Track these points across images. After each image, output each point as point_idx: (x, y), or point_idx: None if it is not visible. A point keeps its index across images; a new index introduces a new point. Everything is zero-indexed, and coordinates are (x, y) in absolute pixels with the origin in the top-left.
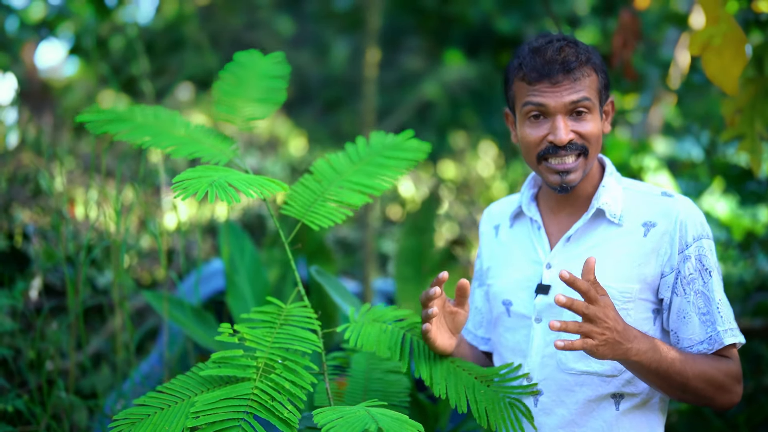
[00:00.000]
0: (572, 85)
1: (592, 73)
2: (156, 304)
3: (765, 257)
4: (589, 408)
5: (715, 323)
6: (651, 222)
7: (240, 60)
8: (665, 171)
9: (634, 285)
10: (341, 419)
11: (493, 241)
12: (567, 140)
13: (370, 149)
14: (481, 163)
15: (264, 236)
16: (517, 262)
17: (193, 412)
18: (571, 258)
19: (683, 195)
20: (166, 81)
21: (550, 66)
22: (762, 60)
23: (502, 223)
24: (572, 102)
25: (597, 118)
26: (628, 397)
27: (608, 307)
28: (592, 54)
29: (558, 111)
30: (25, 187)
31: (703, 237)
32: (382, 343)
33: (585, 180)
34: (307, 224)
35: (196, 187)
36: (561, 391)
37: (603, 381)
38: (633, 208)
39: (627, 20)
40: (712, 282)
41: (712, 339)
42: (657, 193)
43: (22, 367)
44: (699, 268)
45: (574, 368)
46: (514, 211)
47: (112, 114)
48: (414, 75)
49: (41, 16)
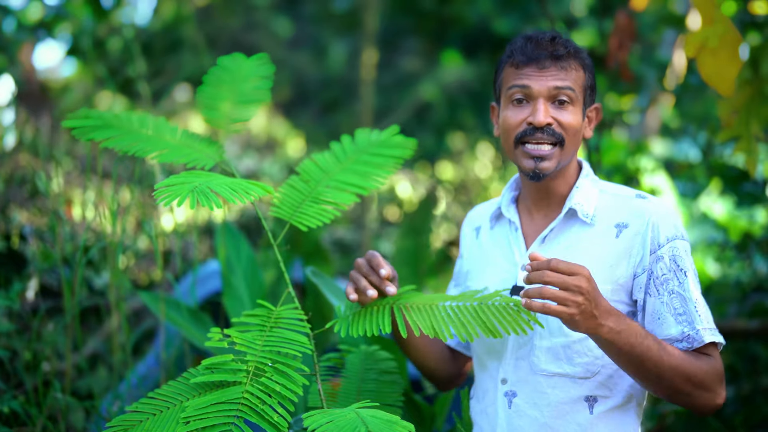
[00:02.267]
0: (558, 73)
1: (579, 68)
2: (152, 305)
3: (762, 258)
4: (562, 411)
5: (693, 322)
6: (623, 223)
7: (224, 64)
8: (662, 172)
9: (605, 286)
10: (331, 423)
11: (473, 243)
12: (545, 122)
13: (356, 147)
14: (478, 164)
15: (261, 237)
16: (495, 263)
17: (183, 417)
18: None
19: (658, 197)
20: (164, 82)
21: (539, 51)
22: (758, 62)
23: (483, 225)
24: (556, 87)
25: (578, 113)
26: (602, 400)
27: (583, 278)
28: (582, 53)
29: (541, 95)
30: (23, 188)
31: (677, 238)
32: (370, 323)
33: (561, 181)
34: (296, 225)
35: (177, 193)
36: (534, 393)
37: (575, 383)
38: (606, 210)
39: (623, 21)
40: (687, 282)
41: (691, 338)
42: (631, 195)
43: (19, 368)
44: (673, 269)
45: (546, 369)
46: (493, 213)
47: (98, 120)
48: (412, 76)
49: (39, 17)
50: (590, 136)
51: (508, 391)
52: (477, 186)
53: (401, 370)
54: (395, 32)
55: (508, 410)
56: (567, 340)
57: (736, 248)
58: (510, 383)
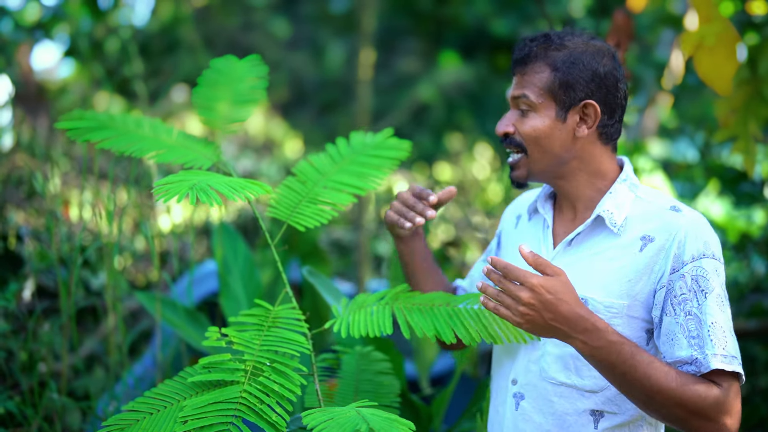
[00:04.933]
0: (519, 80)
1: (544, 69)
2: (149, 305)
3: (760, 259)
4: (566, 422)
5: (703, 347)
6: (649, 236)
7: (217, 66)
8: (660, 173)
9: (622, 301)
10: (331, 420)
11: (512, 230)
12: (501, 132)
13: (351, 149)
14: (476, 165)
15: (258, 238)
16: (522, 259)
17: (181, 416)
18: (570, 263)
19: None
20: (161, 83)
21: (515, 61)
22: (756, 61)
23: (523, 215)
24: (513, 98)
25: (542, 118)
26: (609, 416)
27: (525, 289)
28: (553, 50)
29: (511, 104)
30: (20, 189)
31: (704, 257)
32: (371, 324)
33: (578, 184)
34: (293, 225)
35: (176, 191)
36: (540, 398)
37: (582, 395)
38: (636, 220)
39: (620, 21)
40: (707, 304)
41: (698, 362)
42: (666, 206)
43: (15, 368)
44: (694, 289)
45: (554, 378)
46: (531, 205)
47: (94, 121)
48: (410, 77)
49: (36, 17)
50: (583, 134)
51: (517, 392)
52: (475, 187)
53: (398, 370)
54: (393, 33)
55: (514, 412)
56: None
57: (734, 249)
58: (519, 385)
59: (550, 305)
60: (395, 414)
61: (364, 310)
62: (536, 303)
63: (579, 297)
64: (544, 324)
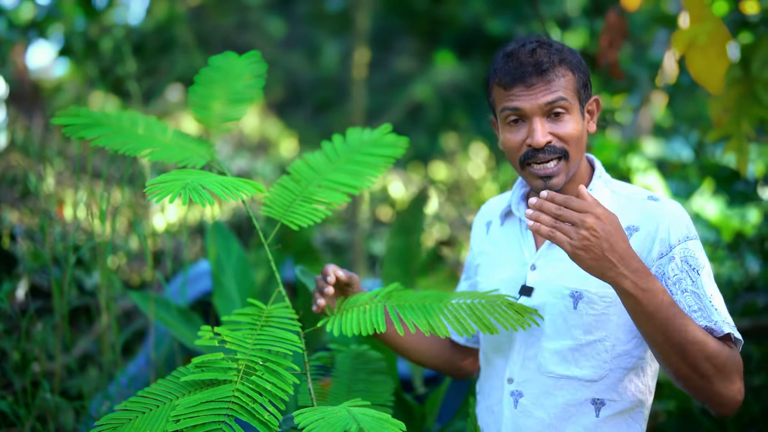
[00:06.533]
0: (547, 87)
1: (567, 72)
2: (143, 305)
3: (753, 258)
4: (568, 413)
5: (710, 315)
6: (634, 226)
7: (215, 64)
8: (655, 172)
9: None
10: (322, 420)
11: (483, 238)
12: (544, 142)
13: (347, 147)
14: (472, 165)
15: (252, 237)
16: (504, 261)
17: (174, 415)
18: (555, 260)
19: (671, 198)
20: (156, 82)
21: (523, 69)
22: (749, 61)
23: (494, 221)
24: (547, 103)
25: (577, 118)
26: (610, 403)
27: (590, 215)
28: (567, 53)
29: (534, 113)
30: (14, 189)
31: (688, 239)
32: (364, 322)
33: (572, 181)
34: (287, 224)
35: (169, 190)
36: (540, 393)
37: (582, 385)
38: (617, 212)
39: (613, 20)
40: (700, 280)
41: (709, 329)
42: (643, 197)
43: (7, 368)
44: (686, 269)
45: (554, 371)
46: (504, 210)
47: (89, 118)
48: (405, 76)
49: (30, 17)
50: (594, 130)
51: (514, 390)
52: (470, 186)
53: (391, 369)
54: (388, 32)
55: (513, 410)
56: (575, 342)
57: (728, 248)
58: (516, 383)
59: (610, 236)
60: (388, 413)
61: (357, 309)
62: (599, 230)
63: (575, 289)
64: (599, 254)
